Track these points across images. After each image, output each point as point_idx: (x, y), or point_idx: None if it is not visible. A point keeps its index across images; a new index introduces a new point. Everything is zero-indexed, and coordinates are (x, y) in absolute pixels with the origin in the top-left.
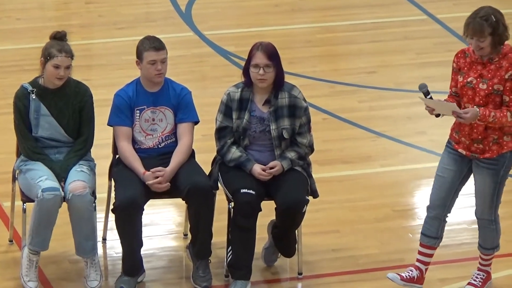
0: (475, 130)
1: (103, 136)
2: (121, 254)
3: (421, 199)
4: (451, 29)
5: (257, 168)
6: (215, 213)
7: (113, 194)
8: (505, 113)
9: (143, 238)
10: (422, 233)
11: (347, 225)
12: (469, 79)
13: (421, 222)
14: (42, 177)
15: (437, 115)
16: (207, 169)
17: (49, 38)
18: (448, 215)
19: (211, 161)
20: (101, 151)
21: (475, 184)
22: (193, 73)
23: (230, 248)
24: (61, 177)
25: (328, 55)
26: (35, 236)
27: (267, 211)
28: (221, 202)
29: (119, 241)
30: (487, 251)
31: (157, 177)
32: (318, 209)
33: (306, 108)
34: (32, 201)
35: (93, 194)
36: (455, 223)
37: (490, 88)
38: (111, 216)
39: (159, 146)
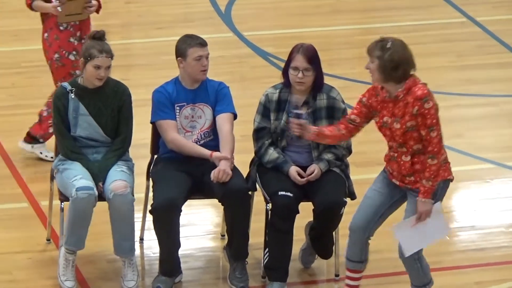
0: (403, 168)
1: (141, 136)
2: (158, 254)
3: (457, 202)
4: (491, 32)
5: (293, 172)
6: (253, 213)
7: (151, 194)
8: (431, 168)
9: (180, 239)
10: (346, 258)
11: (383, 227)
12: (384, 119)
13: (459, 224)
14: (77, 176)
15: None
16: (245, 170)
17: (88, 38)
18: (371, 238)
19: (249, 162)
20: (139, 151)
21: (405, 211)
22: (232, 74)
23: (267, 249)
24: (100, 177)
25: (367, 57)
26: (70, 235)
27: (305, 213)
28: (259, 203)
29: (157, 241)
30: None
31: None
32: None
33: (345, 110)
34: (69, 200)
35: (132, 194)
36: (493, 226)
37: (404, 126)
38: (149, 216)
39: (198, 144)
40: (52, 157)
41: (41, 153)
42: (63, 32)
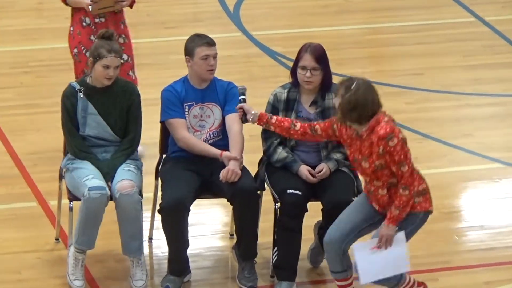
0: (381, 201)
1: (149, 135)
2: (167, 254)
3: (467, 201)
4: (499, 31)
5: (304, 171)
6: (262, 213)
7: (159, 194)
8: (402, 198)
9: (189, 238)
10: (330, 270)
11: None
12: (354, 155)
13: (468, 224)
14: (89, 176)
15: (245, 121)
16: (254, 169)
17: (97, 37)
18: (348, 247)
19: (258, 162)
20: (148, 150)
21: (372, 235)
22: (241, 73)
23: (276, 248)
24: (109, 176)
25: (376, 56)
26: (81, 234)
27: (314, 212)
28: (268, 202)
29: (165, 241)
30: None
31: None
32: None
33: None
34: (78, 199)
35: (140, 193)
36: (502, 226)
37: (373, 165)
38: (157, 216)
39: (207, 143)
40: None
41: None
42: (85, 28)
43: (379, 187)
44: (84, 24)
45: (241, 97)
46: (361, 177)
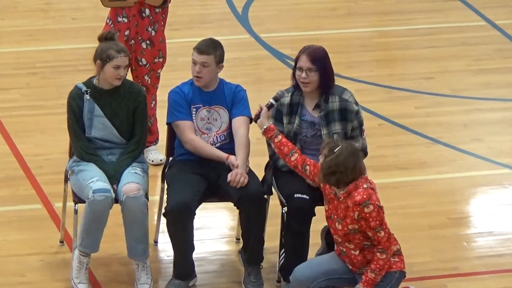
0: (355, 261)
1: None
2: (172, 258)
3: (477, 207)
4: (510, 35)
5: None
6: (268, 217)
7: (165, 197)
8: (379, 261)
9: (195, 242)
10: None
11: (401, 232)
12: (331, 213)
13: (477, 230)
14: (94, 178)
15: (255, 120)
16: (261, 173)
17: (98, 39)
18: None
19: (264, 165)
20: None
21: None
22: (248, 76)
23: (283, 251)
24: (115, 179)
25: (385, 59)
26: (86, 237)
27: (321, 216)
28: (275, 207)
29: (171, 244)
30: None
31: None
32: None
33: (358, 112)
34: (84, 202)
35: (146, 196)
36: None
37: (346, 228)
38: (163, 219)
39: (214, 146)
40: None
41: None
42: (117, 25)
43: (352, 249)
44: (119, 19)
45: (271, 100)
46: (335, 237)
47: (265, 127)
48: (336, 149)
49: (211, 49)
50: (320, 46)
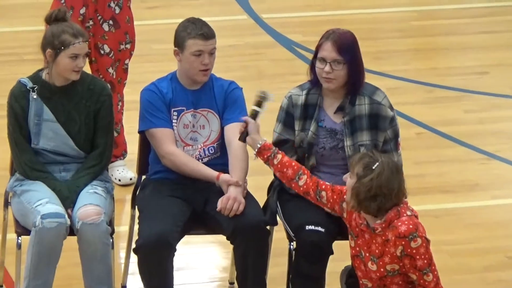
0: None
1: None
2: None
3: None
4: None
5: None
6: (272, 255)
7: (136, 228)
8: None
9: (175, 287)
10: None
11: (446, 275)
12: (361, 250)
13: None
14: (42, 201)
15: (243, 140)
16: (262, 197)
17: (45, 20)
18: None
19: (267, 187)
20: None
21: None
22: (246, 69)
23: None
24: (69, 201)
25: (425, 49)
26: (33, 277)
27: (340, 254)
28: (280, 241)
29: None
30: None
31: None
32: None
33: (393, 119)
34: (29, 233)
35: (110, 224)
36: None
37: (383, 270)
38: (133, 257)
39: (201, 162)
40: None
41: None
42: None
43: None
44: None
45: (253, 107)
46: (362, 281)
47: (259, 145)
48: (375, 165)
49: (212, 30)
50: (348, 30)
